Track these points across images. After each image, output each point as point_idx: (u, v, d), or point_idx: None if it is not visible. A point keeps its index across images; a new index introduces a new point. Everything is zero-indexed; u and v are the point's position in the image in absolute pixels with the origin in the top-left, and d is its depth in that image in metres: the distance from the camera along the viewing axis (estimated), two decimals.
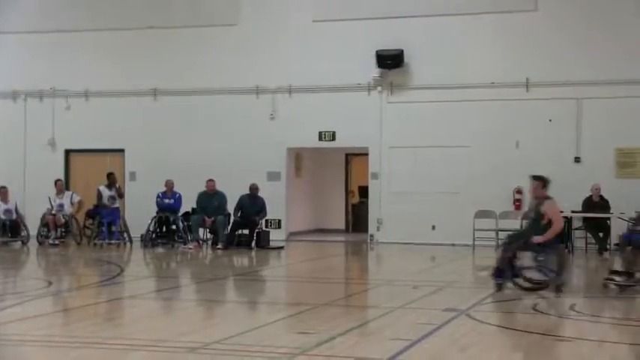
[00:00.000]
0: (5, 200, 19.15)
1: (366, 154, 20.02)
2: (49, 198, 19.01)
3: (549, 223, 10.51)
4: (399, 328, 7.93)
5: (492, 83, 18.80)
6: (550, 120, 18.57)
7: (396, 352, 6.71)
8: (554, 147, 18.48)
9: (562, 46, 18.59)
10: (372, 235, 19.76)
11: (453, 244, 18.50)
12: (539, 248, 10.55)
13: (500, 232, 17.56)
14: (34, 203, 19.79)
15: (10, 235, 18.89)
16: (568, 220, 17.63)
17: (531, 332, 7.78)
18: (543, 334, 7.69)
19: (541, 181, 10.75)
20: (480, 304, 9.61)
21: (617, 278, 10.59)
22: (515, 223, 18.13)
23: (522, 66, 18.67)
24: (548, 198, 10.71)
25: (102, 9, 21.06)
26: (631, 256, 10.74)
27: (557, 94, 18.41)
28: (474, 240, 18.16)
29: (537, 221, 10.64)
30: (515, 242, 10.69)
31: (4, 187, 19.27)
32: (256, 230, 18.13)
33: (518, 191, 18.55)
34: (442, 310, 8.92)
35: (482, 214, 18.45)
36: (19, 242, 18.83)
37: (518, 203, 18.61)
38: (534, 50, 18.72)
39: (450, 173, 19.07)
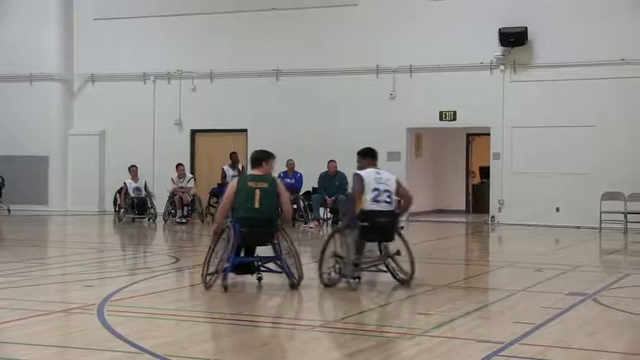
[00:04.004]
0: (135, 179, 19.87)
1: (488, 134, 19.70)
2: (172, 179, 19.58)
3: None
4: (522, 312, 7.79)
5: (622, 60, 18.11)
6: None
7: (518, 336, 6.62)
8: None
9: None
10: (493, 217, 19.47)
11: (577, 227, 18.03)
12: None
13: (629, 215, 16.97)
14: (162, 182, 20.46)
15: (137, 212, 19.61)
16: None
17: None
18: None
19: None
20: (608, 288, 9.34)
21: None
22: None
23: None
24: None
25: None
26: None
27: None
28: (600, 223, 17.60)
29: None
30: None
31: (134, 166, 19.99)
32: None
33: None
34: (566, 294, 8.72)
35: (609, 195, 17.83)
36: (147, 219, 19.53)
37: None
38: None
39: (575, 154, 18.54)
